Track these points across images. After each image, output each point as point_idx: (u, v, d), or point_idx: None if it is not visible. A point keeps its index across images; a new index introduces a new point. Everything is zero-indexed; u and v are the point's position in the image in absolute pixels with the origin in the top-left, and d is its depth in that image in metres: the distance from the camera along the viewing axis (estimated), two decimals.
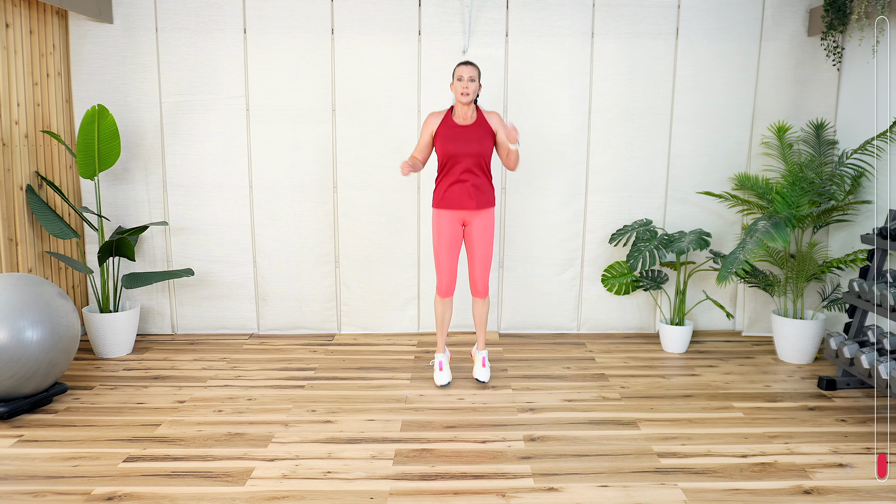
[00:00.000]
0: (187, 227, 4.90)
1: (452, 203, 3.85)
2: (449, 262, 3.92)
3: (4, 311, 3.36)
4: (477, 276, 3.97)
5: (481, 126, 3.83)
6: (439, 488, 2.87)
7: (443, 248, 3.90)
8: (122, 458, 3.12)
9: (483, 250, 3.94)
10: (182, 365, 4.37)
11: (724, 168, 4.94)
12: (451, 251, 3.91)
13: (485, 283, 4.00)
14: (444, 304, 4.03)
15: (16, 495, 2.79)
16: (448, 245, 3.90)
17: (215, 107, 4.78)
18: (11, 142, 4.15)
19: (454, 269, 3.95)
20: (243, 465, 3.05)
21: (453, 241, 3.90)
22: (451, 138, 3.79)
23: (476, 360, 4.14)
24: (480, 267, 3.96)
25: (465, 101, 3.76)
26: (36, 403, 3.61)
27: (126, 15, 4.67)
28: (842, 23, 4.45)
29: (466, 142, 3.78)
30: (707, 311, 5.12)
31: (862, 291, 3.90)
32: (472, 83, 3.74)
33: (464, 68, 3.76)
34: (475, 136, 3.80)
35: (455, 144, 3.78)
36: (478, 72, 3.79)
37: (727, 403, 3.81)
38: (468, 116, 3.83)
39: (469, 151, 3.78)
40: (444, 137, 3.80)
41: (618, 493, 2.85)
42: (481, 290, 4.01)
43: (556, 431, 3.43)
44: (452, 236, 3.90)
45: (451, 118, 3.84)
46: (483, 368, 4.07)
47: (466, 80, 3.73)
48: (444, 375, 4.03)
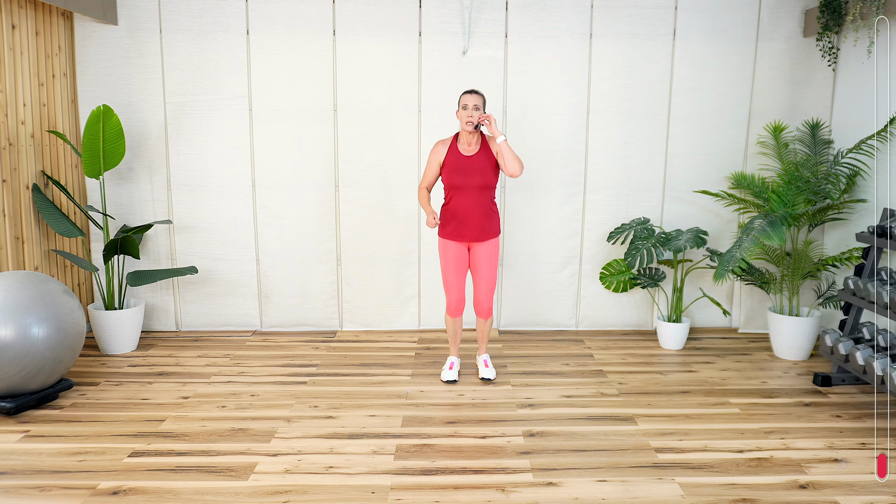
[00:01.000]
0: (191, 225, 4.90)
1: (456, 236, 3.87)
2: (457, 284, 3.95)
3: (11, 308, 3.36)
4: (481, 298, 3.98)
5: (485, 155, 3.81)
6: (440, 483, 2.87)
7: (450, 272, 3.94)
8: (127, 452, 3.12)
9: (487, 275, 3.94)
10: (186, 361, 4.37)
11: (721, 167, 4.93)
12: (458, 274, 3.94)
13: (489, 305, 4.00)
14: (455, 322, 4.07)
15: (23, 489, 2.79)
16: (455, 269, 3.93)
17: (218, 107, 4.78)
18: (18, 141, 4.15)
19: (462, 289, 3.98)
20: (246, 460, 3.05)
21: (459, 264, 3.93)
22: (457, 169, 3.79)
23: (479, 363, 4.16)
24: (485, 290, 3.97)
25: (469, 129, 3.74)
26: (42, 399, 3.61)
27: (130, 16, 4.66)
28: (837, 24, 4.44)
29: (471, 173, 3.78)
30: (704, 308, 5.12)
31: (857, 289, 3.89)
32: (476, 111, 3.72)
33: (469, 97, 3.74)
34: (479, 168, 3.79)
35: (460, 176, 3.78)
36: (483, 100, 3.77)
37: (724, 399, 3.81)
38: (473, 144, 3.81)
39: (473, 184, 3.79)
40: (450, 168, 3.81)
41: (616, 487, 2.85)
42: (485, 311, 4.02)
43: (555, 427, 3.43)
44: (458, 260, 3.93)
45: (457, 147, 3.83)
46: (487, 368, 4.10)
47: (471, 109, 3.71)
48: (451, 373, 4.06)
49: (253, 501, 2.72)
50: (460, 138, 3.84)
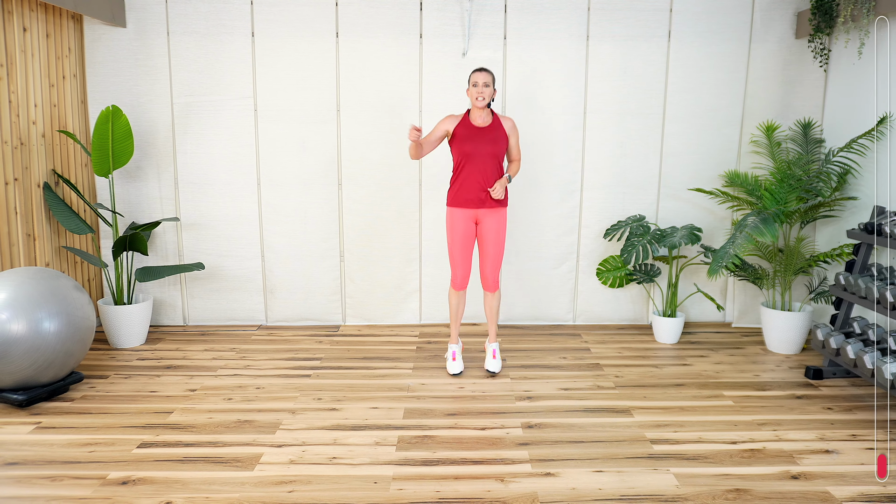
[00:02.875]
0: (198, 222, 4.89)
1: (466, 202, 3.87)
2: (463, 258, 3.95)
3: (23, 303, 3.35)
4: (488, 271, 3.98)
5: (497, 129, 3.87)
6: (440, 473, 2.87)
7: (456, 245, 3.93)
8: (136, 443, 3.12)
9: (495, 247, 3.95)
10: (193, 355, 4.37)
11: (715, 166, 4.92)
12: (464, 247, 3.93)
13: (495, 278, 4.00)
14: (459, 296, 4.05)
15: (34, 479, 2.79)
16: (462, 242, 3.92)
17: (224, 107, 4.77)
18: (29, 141, 4.14)
19: (468, 263, 3.98)
20: (252, 451, 3.05)
21: (466, 238, 3.93)
22: (469, 138, 3.82)
23: (487, 351, 4.13)
24: (492, 263, 3.96)
25: (480, 106, 3.80)
26: (53, 392, 3.61)
27: (139, 19, 4.65)
28: (828, 25, 4.43)
29: (483, 142, 3.81)
30: (698, 303, 5.11)
31: (848, 284, 3.88)
32: (486, 88, 3.77)
33: (479, 74, 3.78)
34: (491, 137, 3.83)
35: (472, 144, 3.81)
36: (492, 77, 3.81)
37: (717, 392, 3.81)
38: (484, 119, 3.86)
39: (485, 151, 3.81)
40: (461, 137, 3.83)
41: (612, 478, 2.84)
42: (492, 285, 4.01)
43: (553, 419, 3.42)
44: (466, 233, 3.92)
45: (469, 120, 3.87)
46: (494, 360, 4.05)
47: (481, 86, 3.77)
48: (456, 365, 4.04)
49: (259, 491, 2.71)
50: (472, 114, 3.88)
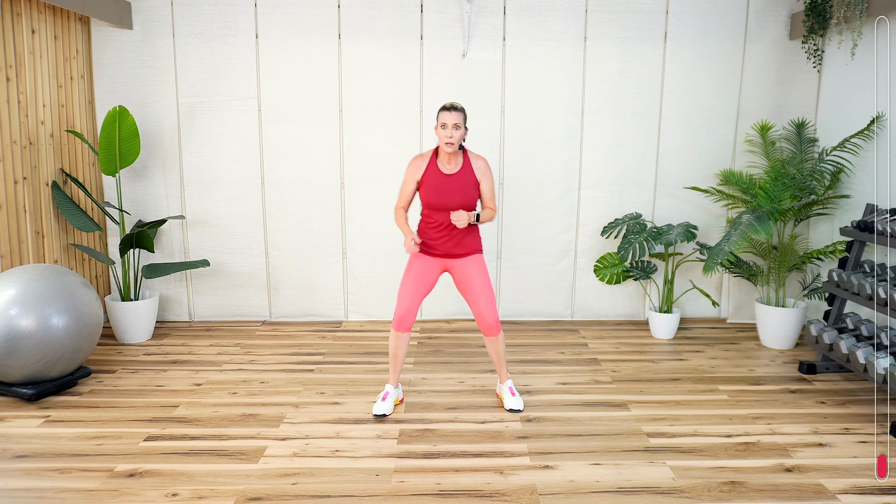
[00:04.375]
0: (203, 220, 4.88)
1: (433, 252, 3.40)
2: (411, 294, 3.35)
3: (32, 299, 3.35)
4: (484, 313, 3.36)
5: (466, 175, 3.32)
6: (441, 466, 2.86)
7: (407, 281, 3.37)
8: (142, 437, 3.11)
9: (483, 291, 3.37)
10: (199, 350, 4.37)
11: (710, 164, 4.91)
12: (415, 285, 3.36)
13: (495, 319, 3.38)
14: (398, 338, 3.38)
15: (43, 472, 2.79)
16: (414, 279, 3.36)
17: (229, 108, 4.76)
18: (38, 141, 4.13)
19: (415, 303, 3.35)
20: (256, 444, 3.05)
21: (420, 277, 3.37)
22: (435, 189, 3.30)
23: (503, 394, 3.51)
24: (485, 306, 3.36)
25: (449, 150, 3.24)
26: (62, 386, 3.60)
27: (145, 21, 4.64)
28: (822, 27, 4.41)
29: (451, 193, 3.29)
30: (694, 299, 5.10)
31: (841, 281, 3.88)
32: (456, 131, 3.21)
33: (447, 115, 3.20)
34: (459, 188, 3.29)
35: (439, 196, 3.29)
36: (463, 116, 3.24)
37: (713, 386, 3.80)
38: (454, 163, 3.33)
39: (453, 204, 3.28)
40: (428, 187, 3.32)
41: (609, 470, 2.84)
42: (493, 328, 3.38)
43: (551, 413, 3.41)
44: (421, 273, 3.38)
45: (437, 164, 3.33)
46: (514, 398, 3.46)
47: (451, 128, 3.20)
48: (382, 405, 3.39)
49: (263, 483, 2.71)
50: (440, 155, 3.34)
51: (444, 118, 3.22)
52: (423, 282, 3.38)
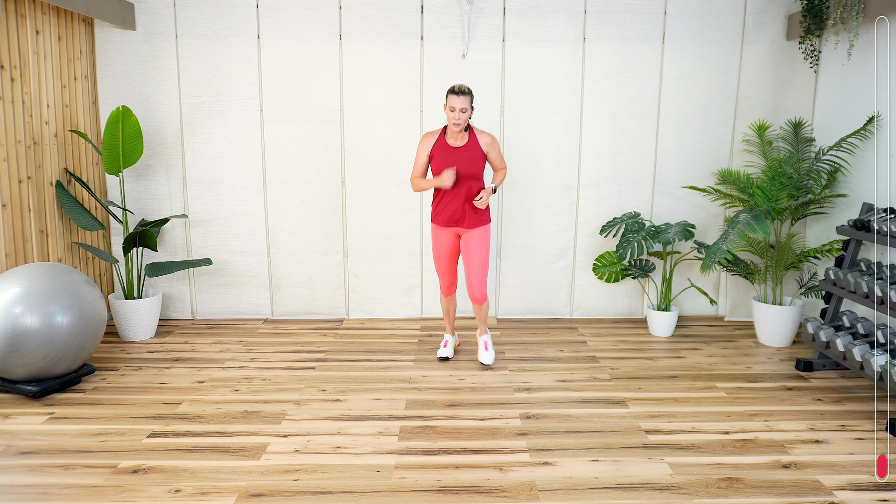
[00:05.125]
0: (206, 219, 4.88)
1: (447, 221, 3.81)
2: (449, 270, 3.96)
3: (36, 297, 3.35)
4: (474, 284, 3.86)
5: (473, 148, 3.71)
6: (441, 462, 2.86)
7: (441, 259, 3.93)
8: (146, 433, 3.11)
9: (479, 261, 3.84)
10: (201, 348, 4.36)
11: (708, 164, 4.91)
12: (449, 261, 3.93)
13: (482, 291, 3.88)
14: (449, 300, 4.08)
15: (48, 468, 2.79)
16: (446, 256, 3.92)
17: (231, 108, 4.76)
18: (42, 140, 4.13)
19: (454, 273, 3.99)
20: (259, 441, 3.05)
21: (450, 252, 3.91)
22: (445, 161, 3.68)
23: (479, 343, 4.11)
24: (476, 277, 3.85)
25: (456, 131, 3.65)
26: (66, 383, 3.60)
27: (148, 22, 4.64)
28: (819, 27, 4.40)
29: (459, 164, 3.66)
30: (692, 297, 5.10)
31: (837, 279, 3.87)
32: (463, 114, 3.56)
33: (456, 99, 3.54)
34: (467, 158, 3.68)
35: (448, 167, 3.66)
36: (470, 99, 3.58)
37: (710, 384, 3.80)
38: (461, 138, 3.71)
39: (462, 174, 3.67)
40: (438, 159, 3.70)
41: (608, 467, 2.84)
42: (479, 298, 3.89)
43: (551, 410, 3.41)
44: (449, 248, 3.90)
45: (445, 139, 3.72)
46: (486, 352, 4.04)
47: (458, 112, 3.56)
48: (445, 350, 4.13)
49: (265, 480, 2.71)
50: (448, 131, 3.72)
51: (452, 102, 3.55)
52: (452, 254, 3.92)
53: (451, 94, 3.56)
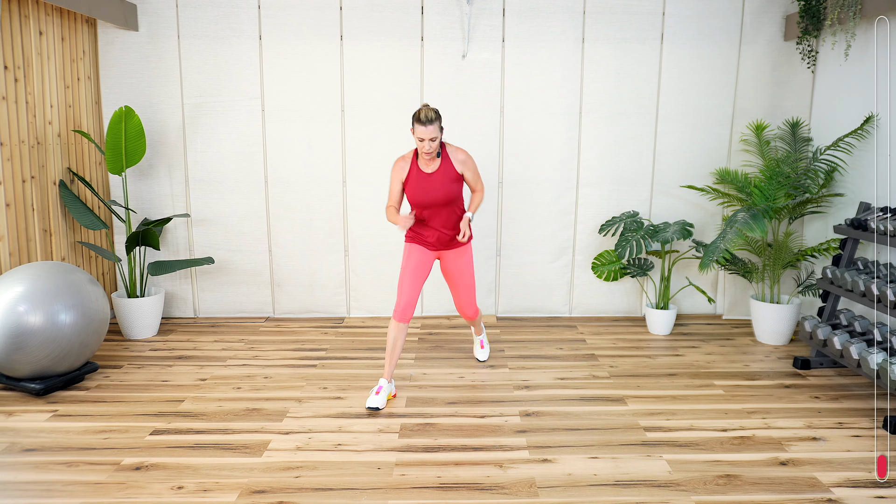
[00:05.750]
0: (208, 218, 4.88)
1: (425, 245, 3.57)
2: (411, 287, 3.46)
3: (40, 296, 3.35)
4: (464, 306, 3.76)
5: (447, 171, 3.43)
6: (441, 459, 2.86)
7: (407, 274, 3.48)
8: (148, 431, 3.11)
9: (465, 283, 3.68)
10: (203, 346, 4.36)
11: (706, 163, 4.90)
12: (414, 278, 3.48)
13: (474, 309, 3.81)
14: (399, 329, 3.42)
15: (51, 465, 2.79)
16: (412, 272, 3.49)
17: (233, 108, 4.75)
18: (46, 140, 4.13)
19: (415, 294, 3.47)
20: (260, 438, 3.04)
21: (418, 269, 3.51)
22: (419, 188, 3.43)
23: (475, 342, 4.12)
24: (466, 298, 3.73)
25: (427, 159, 3.40)
26: (69, 381, 3.60)
27: (151, 23, 4.64)
28: (816, 28, 4.40)
29: (433, 191, 3.42)
30: (690, 296, 5.09)
31: (835, 278, 3.87)
32: (433, 142, 3.29)
33: (423, 129, 3.24)
34: (441, 184, 3.42)
35: (423, 195, 3.43)
36: (438, 126, 3.27)
37: (709, 381, 3.79)
38: (434, 163, 3.44)
39: (437, 200, 3.44)
40: (412, 187, 3.45)
41: (607, 464, 2.83)
42: (470, 315, 3.86)
43: (550, 407, 3.41)
44: (419, 265, 3.52)
45: (418, 165, 3.45)
46: (482, 350, 4.06)
47: (428, 142, 3.28)
48: (376, 399, 3.35)
49: (266, 476, 2.71)
50: (420, 156, 3.44)
51: (420, 133, 3.26)
52: (420, 273, 3.53)
53: (417, 123, 3.25)
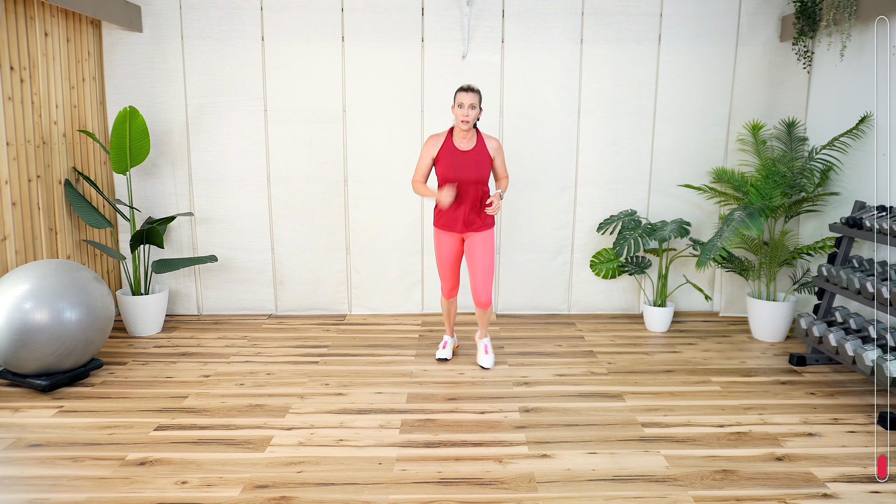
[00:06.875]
0: (211, 217, 4.88)
1: (451, 226, 3.67)
2: (451, 273, 3.83)
3: (46, 293, 3.35)
4: (479, 289, 3.74)
5: (480, 152, 3.58)
6: (442, 455, 2.86)
7: (444, 263, 3.80)
8: (153, 426, 3.11)
9: (484, 265, 3.70)
10: (207, 343, 4.36)
11: (703, 163, 4.90)
12: (452, 264, 3.81)
13: (487, 296, 3.77)
14: (450, 303, 3.98)
15: (57, 460, 2.79)
16: (449, 260, 3.79)
17: (236, 108, 4.75)
18: (51, 140, 4.12)
19: (457, 276, 3.87)
20: (263, 434, 3.04)
21: (453, 256, 3.78)
22: (452, 164, 3.55)
23: (479, 347, 4.01)
24: (482, 281, 3.72)
25: (464, 128, 3.51)
26: (75, 377, 3.60)
27: (154, 24, 4.63)
28: (812, 29, 4.39)
29: (466, 168, 3.54)
30: (687, 293, 5.09)
31: (830, 276, 3.87)
32: (472, 110, 3.46)
33: (464, 95, 3.46)
34: (474, 163, 3.55)
35: (455, 171, 3.54)
36: (479, 97, 3.49)
37: (705, 378, 3.79)
38: (468, 141, 3.58)
39: (469, 178, 3.55)
40: (445, 163, 3.56)
41: (605, 459, 2.83)
42: (484, 302, 3.78)
43: (549, 403, 3.41)
44: (452, 252, 3.77)
45: (452, 142, 3.58)
46: (486, 355, 3.94)
47: (467, 108, 3.45)
48: (443, 352, 4.03)
49: (269, 471, 2.71)
50: (455, 133, 3.58)
51: (461, 98, 3.47)
52: (455, 257, 3.80)
53: (459, 91, 3.49)
